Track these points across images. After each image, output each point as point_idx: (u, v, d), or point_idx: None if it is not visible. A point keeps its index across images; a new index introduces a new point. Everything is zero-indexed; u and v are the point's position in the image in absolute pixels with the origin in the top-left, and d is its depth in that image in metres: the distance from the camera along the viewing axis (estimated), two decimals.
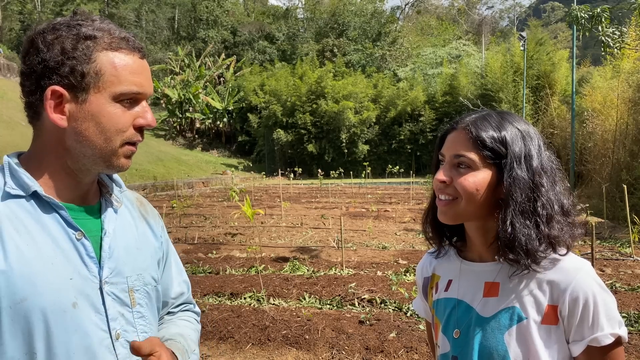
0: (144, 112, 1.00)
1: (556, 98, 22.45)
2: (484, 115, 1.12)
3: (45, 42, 0.93)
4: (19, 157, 1.01)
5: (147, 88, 1.00)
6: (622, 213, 9.33)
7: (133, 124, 0.98)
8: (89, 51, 0.93)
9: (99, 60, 0.94)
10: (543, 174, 1.07)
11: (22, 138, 21.10)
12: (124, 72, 0.95)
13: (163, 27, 50.24)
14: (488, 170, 1.08)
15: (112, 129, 0.96)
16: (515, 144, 1.06)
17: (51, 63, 0.92)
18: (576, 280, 1.04)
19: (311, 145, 34.45)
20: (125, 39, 0.98)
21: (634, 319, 4.39)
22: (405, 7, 65.37)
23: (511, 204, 1.04)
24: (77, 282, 0.94)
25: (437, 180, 1.11)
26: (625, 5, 10.93)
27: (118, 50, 0.96)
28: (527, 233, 1.03)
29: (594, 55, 33.97)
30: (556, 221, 1.06)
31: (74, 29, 0.94)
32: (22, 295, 0.88)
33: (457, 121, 1.14)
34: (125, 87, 0.95)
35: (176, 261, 1.27)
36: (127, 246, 1.06)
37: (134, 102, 0.99)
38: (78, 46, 0.93)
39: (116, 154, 0.98)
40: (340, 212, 12.21)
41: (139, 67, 0.98)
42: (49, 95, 0.93)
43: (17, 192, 0.94)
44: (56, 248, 0.93)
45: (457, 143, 1.10)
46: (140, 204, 1.20)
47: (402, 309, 4.78)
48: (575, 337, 1.04)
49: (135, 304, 1.04)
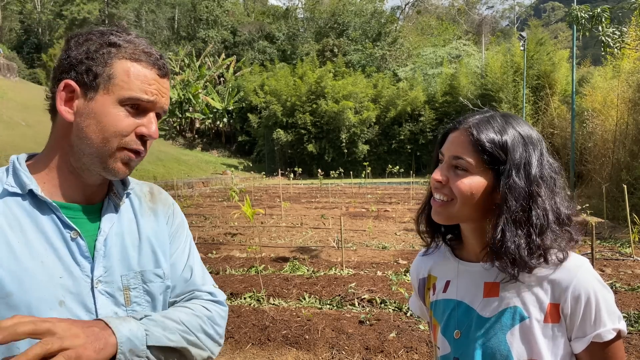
0: (149, 122, 1.02)
1: (556, 98, 22.46)
2: (488, 117, 1.10)
3: (77, 42, 1.00)
4: (31, 158, 1.05)
5: (157, 99, 1.02)
6: (622, 213, 9.33)
7: (135, 131, 1.00)
8: (109, 56, 0.99)
9: (115, 66, 0.98)
10: (541, 182, 1.06)
11: (22, 138, 21.09)
12: (135, 81, 0.99)
13: (163, 27, 50.22)
14: (485, 174, 1.07)
15: (111, 130, 0.98)
16: (516, 151, 1.05)
17: (73, 60, 0.98)
18: (577, 278, 1.04)
19: (311, 145, 34.44)
20: (148, 53, 1.01)
21: (634, 319, 4.39)
22: (405, 7, 65.40)
23: (504, 211, 1.04)
24: (66, 281, 0.95)
25: (433, 180, 1.11)
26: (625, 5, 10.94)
27: (137, 61, 1.00)
28: (516, 242, 1.02)
29: (594, 55, 33.97)
30: (551, 230, 1.05)
31: (105, 36, 1.00)
32: (9, 290, 0.90)
33: (460, 121, 1.13)
34: (132, 93, 0.98)
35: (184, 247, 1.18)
36: (124, 245, 1.05)
37: (142, 111, 1.01)
38: (100, 50, 0.99)
39: (113, 156, 0.99)
40: (340, 212, 12.21)
41: (152, 80, 1.01)
42: (62, 87, 0.98)
43: (14, 190, 0.96)
44: (48, 247, 0.95)
45: (457, 144, 1.09)
46: (152, 195, 1.18)
47: (402, 309, 4.78)
48: (578, 334, 1.05)
49: (130, 302, 1.03)
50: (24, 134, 22.32)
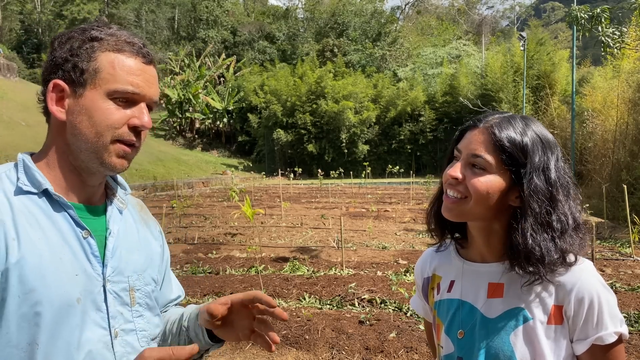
0: (140, 113, 1.01)
1: (556, 98, 22.47)
2: (509, 118, 1.10)
3: (60, 42, 1.01)
4: (31, 157, 1.06)
5: (145, 90, 1.02)
6: (622, 213, 9.33)
7: (128, 123, 1.00)
8: (93, 50, 0.99)
9: (100, 59, 0.99)
10: (560, 187, 1.06)
11: (22, 138, 21.08)
12: (121, 72, 0.99)
13: (163, 27, 50.21)
14: (503, 174, 1.06)
15: (103, 124, 0.98)
16: (536, 154, 1.05)
17: (58, 60, 0.99)
18: (581, 280, 1.05)
19: (311, 145, 34.44)
20: (131, 43, 1.02)
21: (634, 319, 4.40)
22: (405, 7, 65.41)
23: (530, 214, 1.04)
24: (82, 278, 0.97)
25: (449, 176, 1.09)
26: (625, 5, 10.94)
27: (120, 52, 1.00)
28: (545, 245, 1.03)
29: (594, 55, 33.95)
30: (568, 235, 1.05)
31: (86, 32, 1.00)
32: (32, 286, 0.91)
33: (480, 119, 1.12)
34: (120, 86, 0.98)
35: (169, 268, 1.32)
36: (129, 247, 1.09)
37: (132, 102, 1.01)
38: (83, 46, 0.99)
39: (107, 149, 1.00)
40: (340, 212, 12.20)
41: (138, 70, 1.01)
42: (51, 88, 0.99)
43: (28, 189, 0.97)
44: (65, 244, 0.97)
45: (477, 142, 1.08)
46: (141, 207, 1.24)
47: (402, 309, 4.78)
48: (580, 336, 1.05)
49: (134, 303, 1.06)
50: (24, 134, 22.31)
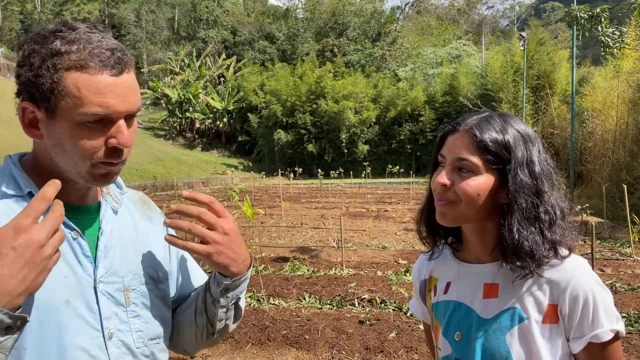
0: (117, 132, 0.93)
1: (556, 98, 22.46)
2: (486, 117, 1.10)
3: (23, 55, 0.92)
4: (22, 158, 1.04)
5: (119, 106, 0.92)
6: (622, 213, 9.33)
7: (105, 144, 0.94)
8: (55, 70, 0.89)
9: (63, 81, 0.90)
10: (544, 179, 1.06)
11: (22, 138, 20.91)
12: (87, 94, 0.89)
13: (163, 27, 50.21)
14: (490, 174, 1.06)
15: (79, 153, 0.93)
16: (518, 149, 1.06)
17: (23, 79, 0.92)
18: (575, 278, 1.05)
19: (311, 145, 34.42)
20: (96, 54, 0.90)
21: (634, 319, 4.39)
22: (405, 7, 65.35)
23: (516, 210, 1.04)
24: (71, 280, 0.95)
25: (437, 183, 1.09)
26: (625, 6, 10.92)
27: (84, 69, 0.90)
28: (533, 239, 1.03)
29: (594, 55, 33.93)
30: (557, 225, 1.06)
31: (47, 44, 0.90)
32: None
33: (459, 122, 1.12)
34: (87, 109, 0.90)
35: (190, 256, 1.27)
36: (124, 246, 1.06)
37: (107, 122, 0.93)
38: (44, 64, 0.90)
39: (89, 171, 0.96)
40: (340, 212, 12.20)
41: (107, 87, 0.91)
42: (21, 113, 0.95)
43: (12, 193, 0.96)
44: None
45: (460, 146, 1.08)
46: (143, 203, 1.20)
47: (402, 309, 4.78)
48: (576, 334, 1.05)
49: (130, 303, 1.04)
50: (23, 134, 22.24)
